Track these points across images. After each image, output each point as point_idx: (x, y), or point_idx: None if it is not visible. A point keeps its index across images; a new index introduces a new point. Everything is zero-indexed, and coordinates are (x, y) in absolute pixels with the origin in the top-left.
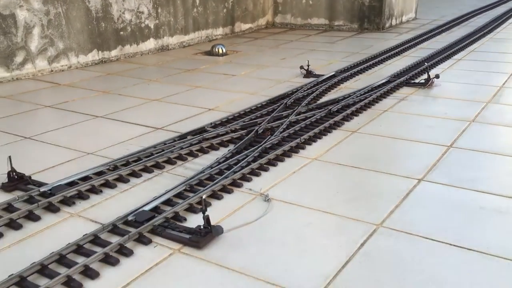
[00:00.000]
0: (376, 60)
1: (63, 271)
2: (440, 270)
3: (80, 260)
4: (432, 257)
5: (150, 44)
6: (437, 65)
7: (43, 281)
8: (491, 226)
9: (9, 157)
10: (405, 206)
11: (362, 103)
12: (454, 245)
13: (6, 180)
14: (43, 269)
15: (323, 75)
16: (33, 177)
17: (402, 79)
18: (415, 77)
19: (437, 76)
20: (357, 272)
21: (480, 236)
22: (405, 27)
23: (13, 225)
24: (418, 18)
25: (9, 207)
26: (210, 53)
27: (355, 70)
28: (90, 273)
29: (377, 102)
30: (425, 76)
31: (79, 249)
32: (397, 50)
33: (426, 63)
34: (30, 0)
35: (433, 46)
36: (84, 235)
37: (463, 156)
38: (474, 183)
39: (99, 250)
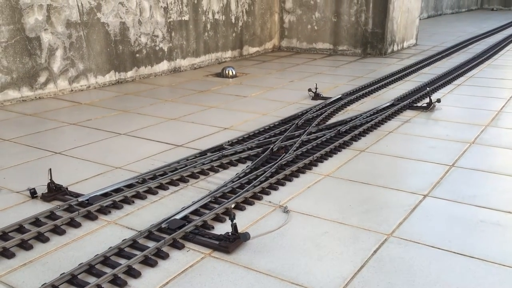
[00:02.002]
0: (380, 84)
1: (108, 271)
2: (445, 275)
3: (123, 261)
4: (438, 263)
5: (164, 66)
6: (438, 90)
7: (91, 279)
8: (491, 237)
9: (50, 169)
10: (413, 219)
11: (368, 125)
12: (458, 253)
13: (46, 191)
14: (90, 269)
15: (330, 97)
16: (68, 189)
17: (405, 102)
18: (418, 101)
19: (438, 100)
20: (372, 275)
21: (481, 246)
22: (406, 52)
23: (58, 230)
24: (418, 44)
25: (51, 215)
26: (221, 75)
27: (360, 93)
28: (133, 273)
29: (382, 124)
30: (427, 100)
31: (120, 252)
32: (399, 75)
33: (427, 88)
34: (54, 24)
35: (434, 71)
36: (123, 240)
37: (464, 174)
38: (474, 199)
39: (138, 253)
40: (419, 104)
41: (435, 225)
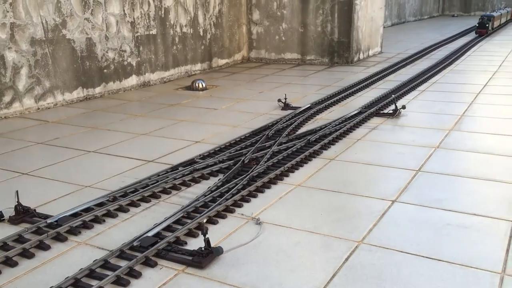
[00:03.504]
0: (348, 92)
1: None
2: (414, 279)
3: (94, 283)
4: (407, 268)
5: (133, 80)
6: (403, 96)
7: None
8: (457, 239)
9: (17, 191)
10: (382, 225)
11: (337, 133)
12: (426, 257)
13: (14, 213)
14: None
15: (299, 107)
16: (37, 210)
17: (372, 110)
18: (384, 107)
19: (403, 107)
20: (344, 284)
21: (448, 249)
22: (372, 60)
23: (26, 254)
24: (383, 52)
25: (20, 238)
26: (191, 88)
27: (329, 102)
28: None
29: (351, 132)
30: (393, 107)
31: (91, 273)
32: (366, 83)
33: (393, 95)
34: (18, 41)
35: (399, 78)
36: (94, 260)
37: (430, 179)
38: (440, 202)
39: (110, 273)
40: (385, 111)
41: (404, 230)
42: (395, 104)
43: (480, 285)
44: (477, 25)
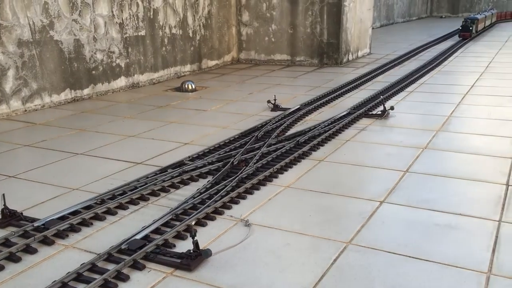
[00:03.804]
0: (337, 93)
1: None
2: (402, 279)
3: (81, 287)
4: (395, 269)
5: (121, 82)
6: (391, 97)
7: None
8: (444, 239)
9: (3, 195)
10: (370, 225)
11: (326, 134)
12: (414, 257)
13: (0, 217)
14: None
15: (289, 108)
16: (24, 214)
17: (361, 111)
18: (373, 108)
19: (392, 108)
20: (332, 284)
21: (436, 249)
22: (361, 61)
23: (13, 258)
24: (372, 53)
25: (6, 242)
26: (180, 89)
27: (318, 103)
28: None
29: (340, 133)
30: (381, 107)
31: (79, 277)
32: (355, 84)
33: (381, 96)
34: (5, 43)
35: (387, 79)
36: (82, 264)
37: (418, 179)
38: (428, 203)
39: (98, 277)
40: (374, 112)
41: (392, 230)
42: (383, 105)
43: (467, 285)
44: (460, 28)
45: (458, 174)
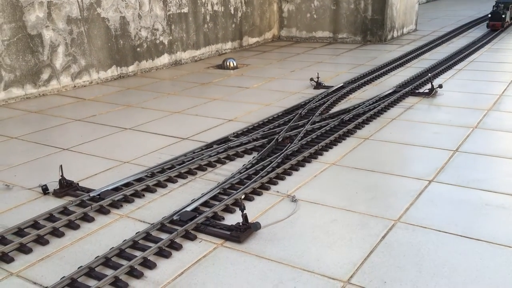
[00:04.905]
0: (381, 71)
1: (124, 263)
2: (452, 258)
3: (138, 254)
4: (444, 247)
5: (165, 59)
6: (439, 75)
7: (108, 272)
8: (496, 219)
9: (61, 166)
10: (419, 204)
11: (371, 112)
12: (464, 236)
13: (58, 187)
14: (107, 261)
15: (332, 86)
16: (79, 184)
17: (407, 89)
18: (419, 87)
19: (440, 86)
20: (381, 260)
21: (486, 228)
22: (406, 38)
23: (72, 225)
24: (418, 30)
25: (65, 210)
26: (222, 66)
27: (362, 81)
28: (149, 264)
29: (385, 111)
30: (428, 86)
31: (135, 244)
32: (400, 61)
33: (429, 74)
34: (55, 20)
35: (435, 57)
36: (137, 233)
37: (468, 159)
38: (478, 183)
39: (153, 245)
40: (421, 90)
41: (441, 209)
42: (431, 83)
43: None
44: (489, 15)
45: (510, 154)
